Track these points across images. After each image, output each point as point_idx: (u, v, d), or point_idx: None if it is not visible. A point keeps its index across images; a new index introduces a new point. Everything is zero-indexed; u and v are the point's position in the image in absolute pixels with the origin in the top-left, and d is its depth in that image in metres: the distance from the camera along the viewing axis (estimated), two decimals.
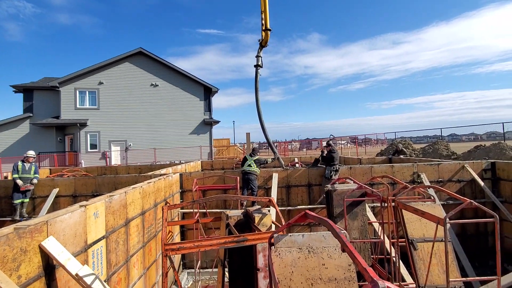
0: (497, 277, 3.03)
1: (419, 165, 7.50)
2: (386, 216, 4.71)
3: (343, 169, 7.51)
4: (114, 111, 23.15)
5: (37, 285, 2.43)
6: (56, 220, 2.73)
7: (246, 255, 3.37)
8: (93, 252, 3.31)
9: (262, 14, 8.28)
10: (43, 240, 2.54)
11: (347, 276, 2.00)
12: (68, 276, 2.73)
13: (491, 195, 7.05)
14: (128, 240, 4.25)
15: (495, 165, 7.47)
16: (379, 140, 40.04)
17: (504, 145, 12.15)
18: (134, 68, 23.89)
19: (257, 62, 8.73)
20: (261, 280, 2.86)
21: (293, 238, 2.08)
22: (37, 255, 2.47)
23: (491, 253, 6.80)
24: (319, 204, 7.46)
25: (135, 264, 4.48)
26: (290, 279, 1.99)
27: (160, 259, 5.42)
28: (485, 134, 35.54)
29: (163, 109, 24.15)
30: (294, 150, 42.01)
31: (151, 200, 5.33)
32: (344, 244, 1.45)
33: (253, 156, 7.71)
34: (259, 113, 8.71)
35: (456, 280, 3.55)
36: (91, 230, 3.29)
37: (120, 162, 22.59)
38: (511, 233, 6.72)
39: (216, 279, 4.16)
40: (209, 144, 24.69)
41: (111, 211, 3.79)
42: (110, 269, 3.69)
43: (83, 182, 7.51)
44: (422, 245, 3.95)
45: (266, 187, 7.65)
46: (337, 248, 2.05)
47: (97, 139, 22.86)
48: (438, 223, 3.23)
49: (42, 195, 7.54)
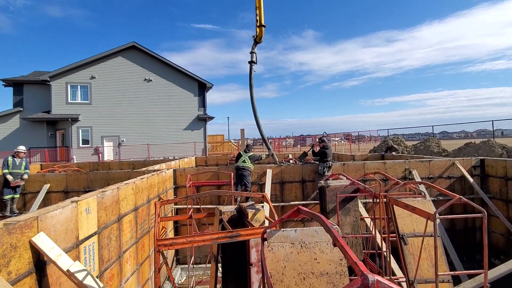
0: (484, 270, 3.11)
1: (411, 162, 7.61)
2: (378, 212, 4.78)
3: (337, 165, 7.57)
4: (106, 106, 22.81)
5: (27, 281, 2.41)
6: (46, 216, 2.70)
7: (239, 250, 3.39)
8: (85, 248, 3.29)
9: (257, 10, 8.23)
10: (33, 236, 2.51)
11: (338, 270, 2.03)
12: (59, 272, 2.70)
13: (479, 191, 7.21)
14: (120, 236, 4.23)
15: (484, 162, 7.62)
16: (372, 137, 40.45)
17: (493, 143, 12.38)
18: (127, 62, 23.53)
19: (252, 59, 8.70)
20: (254, 275, 2.88)
21: (286, 233, 2.10)
22: (27, 251, 2.44)
23: (479, 247, 6.97)
24: (312, 200, 7.53)
25: (128, 260, 4.47)
26: (282, 273, 2.01)
27: (153, 255, 5.42)
28: (475, 131, 36.20)
29: (157, 105, 23.90)
30: (288, 147, 42.14)
31: (144, 196, 5.30)
32: (335, 238, 1.47)
33: (248, 152, 7.71)
34: (254, 109, 8.70)
35: (445, 274, 3.64)
36: (83, 226, 3.26)
37: (113, 158, 22.36)
38: (498, 229, 6.89)
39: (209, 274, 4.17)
40: (203, 140, 24.58)
41: (103, 207, 3.76)
42: (103, 265, 3.67)
43: (75, 178, 7.42)
44: (412, 240, 4.02)
45: (260, 183, 7.68)
46: (329, 243, 2.07)
47: (89, 134, 22.54)
48: (428, 219, 3.29)
49: (33, 190, 7.43)
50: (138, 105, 23.50)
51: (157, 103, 23.89)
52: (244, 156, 7.55)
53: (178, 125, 24.24)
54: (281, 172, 7.67)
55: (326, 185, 5.27)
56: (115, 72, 23.20)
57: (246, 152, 7.71)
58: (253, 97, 8.70)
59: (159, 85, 24.11)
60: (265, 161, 8.85)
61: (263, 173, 7.69)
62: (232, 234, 2.80)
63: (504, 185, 6.90)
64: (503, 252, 6.67)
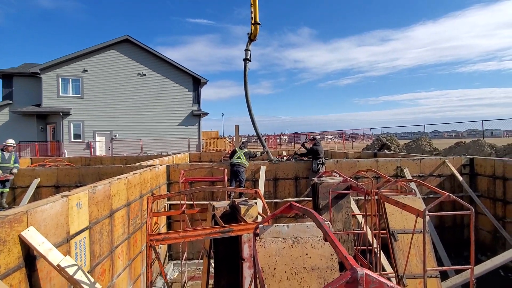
0: (470, 266, 3.19)
1: (403, 160, 7.71)
2: (369, 209, 4.85)
3: (330, 163, 7.63)
4: (99, 100, 22.46)
5: (17, 275, 2.38)
6: (36, 210, 2.67)
7: (231, 245, 3.40)
8: (76, 243, 3.26)
9: (252, 7, 8.17)
10: (22, 231, 2.48)
11: (329, 265, 2.06)
12: (49, 267, 2.68)
13: (468, 189, 7.36)
14: (112, 231, 4.20)
15: (473, 161, 7.77)
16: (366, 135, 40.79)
17: (482, 142, 12.62)
18: (120, 56, 23.17)
19: (246, 56, 8.66)
20: (246, 270, 2.90)
21: (278, 228, 2.11)
22: (16, 246, 2.42)
23: (466, 244, 7.12)
24: (305, 196, 7.58)
25: (119, 255, 4.44)
26: (274, 268, 2.03)
27: (146, 250, 5.40)
28: (465, 131, 36.85)
29: (151, 100, 23.63)
30: (282, 144, 42.22)
31: (136, 192, 5.27)
32: (326, 233, 1.49)
33: (243, 149, 7.72)
34: (249, 106, 8.69)
35: (433, 269, 3.72)
36: (74, 221, 3.23)
37: (105, 153, 22.09)
38: (485, 226, 7.06)
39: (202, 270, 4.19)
40: (197, 136, 24.46)
41: (95, 202, 3.73)
42: (94, 260, 3.64)
43: (66, 173, 7.32)
44: (402, 237, 4.09)
45: (254, 179, 7.69)
46: (320, 239, 2.09)
47: (81, 128, 22.19)
48: (418, 215, 3.35)
49: (22, 185, 7.31)
50: (131, 99, 23.21)
51: (151, 98, 23.63)
52: (239, 153, 7.55)
53: (172, 120, 24.05)
54: (274, 169, 7.69)
55: (319, 182, 5.32)
56: (108, 65, 22.82)
57: (241, 149, 7.71)
58: (248, 94, 8.68)
59: (153, 80, 23.84)
60: (259, 158, 8.87)
61: (256, 170, 7.71)
62: (224, 229, 2.81)
63: (492, 184, 7.06)
64: (489, 248, 6.85)
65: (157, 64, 23.95)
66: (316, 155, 7.40)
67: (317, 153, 7.38)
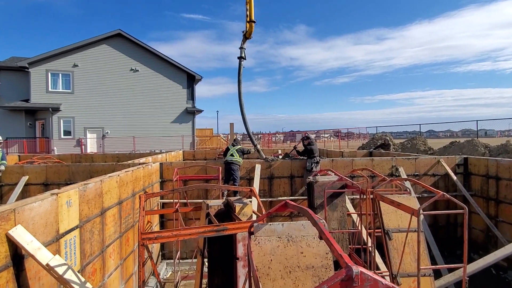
0: (463, 265, 3.20)
1: (398, 159, 7.76)
2: (364, 208, 4.85)
3: (325, 161, 7.63)
4: (90, 96, 22.06)
5: (4, 275, 2.32)
6: (24, 208, 2.59)
7: (226, 244, 3.36)
8: (66, 242, 3.18)
9: (247, 5, 8.08)
10: (10, 229, 2.41)
11: (324, 264, 2.04)
12: (38, 266, 2.61)
13: (462, 188, 7.43)
14: (104, 230, 4.12)
15: (467, 160, 7.86)
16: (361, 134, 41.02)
17: (476, 142, 12.80)
18: (112, 51, 22.78)
19: (241, 54, 8.57)
20: (240, 269, 2.86)
21: (273, 227, 2.08)
22: (4, 244, 2.35)
23: (459, 243, 7.22)
24: (301, 195, 7.57)
25: (111, 254, 4.36)
26: (268, 267, 2.00)
27: (138, 249, 5.32)
28: (460, 131, 37.38)
29: (144, 96, 23.33)
30: (278, 142, 42.29)
31: (129, 190, 5.18)
32: (321, 231, 1.46)
33: (236, 145, 7.65)
34: (241, 105, 8.60)
35: (426, 268, 3.74)
36: (64, 219, 3.15)
37: (96, 150, 21.78)
38: (478, 225, 7.15)
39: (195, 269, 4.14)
40: (191, 133, 24.28)
41: (86, 200, 3.64)
42: (85, 260, 3.56)
43: (55, 170, 7.17)
44: (397, 235, 4.10)
45: (249, 178, 7.65)
46: (315, 237, 2.07)
47: (71, 125, 21.77)
48: (412, 214, 3.35)
49: (10, 183, 7.12)
50: (123, 96, 22.87)
51: (143, 95, 23.32)
52: (232, 150, 7.49)
53: (165, 117, 23.80)
54: (270, 168, 7.66)
55: (314, 180, 5.30)
56: (100, 60, 22.40)
57: (234, 146, 7.65)
58: (241, 93, 8.59)
59: (146, 76, 23.53)
60: (254, 156, 8.82)
61: (252, 168, 7.66)
62: (218, 228, 2.76)
63: (485, 183, 7.14)
64: (482, 247, 6.94)
65: (150, 60, 23.64)
66: (310, 154, 7.39)
67: (312, 152, 7.37)
